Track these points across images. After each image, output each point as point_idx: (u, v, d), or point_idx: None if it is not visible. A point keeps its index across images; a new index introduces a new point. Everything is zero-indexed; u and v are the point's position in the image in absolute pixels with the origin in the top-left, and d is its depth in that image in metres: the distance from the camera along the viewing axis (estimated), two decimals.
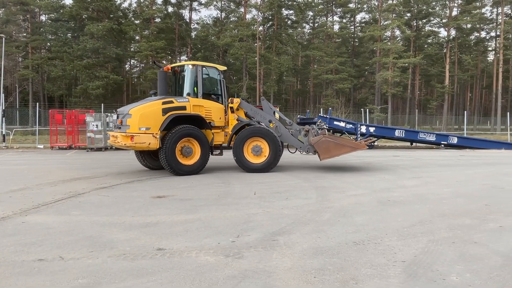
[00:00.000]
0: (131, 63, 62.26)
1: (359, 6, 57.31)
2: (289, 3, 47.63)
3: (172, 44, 49.06)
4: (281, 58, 45.21)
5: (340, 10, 58.22)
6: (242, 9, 48.72)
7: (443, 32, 58.40)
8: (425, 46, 56.78)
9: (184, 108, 11.34)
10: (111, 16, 46.30)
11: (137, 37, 48.64)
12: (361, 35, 55.97)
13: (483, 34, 60.82)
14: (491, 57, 64.23)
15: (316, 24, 59.13)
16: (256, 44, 43.86)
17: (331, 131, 19.48)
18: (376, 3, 52.74)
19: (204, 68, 12.15)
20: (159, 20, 46.65)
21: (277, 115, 12.81)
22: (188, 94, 11.77)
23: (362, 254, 4.53)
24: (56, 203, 7.27)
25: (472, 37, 59.62)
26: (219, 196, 8.01)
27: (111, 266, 4.17)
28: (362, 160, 12.73)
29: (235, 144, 11.73)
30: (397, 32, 52.76)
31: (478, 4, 54.20)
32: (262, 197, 7.86)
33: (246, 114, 12.53)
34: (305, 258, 4.40)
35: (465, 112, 33.76)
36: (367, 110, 33.49)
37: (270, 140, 11.64)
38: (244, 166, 11.73)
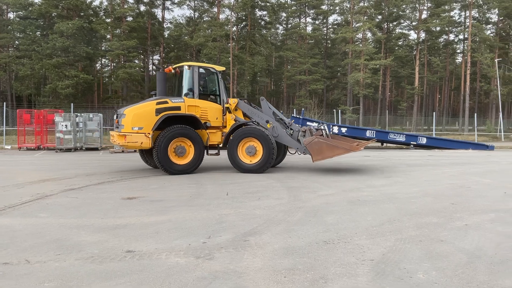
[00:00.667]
0: (102, 62, 61.30)
1: (331, 8, 57.94)
2: (262, 4, 47.75)
3: (145, 43, 48.47)
4: (254, 59, 45.29)
5: (313, 11, 58.71)
6: (215, 9, 48.63)
7: (413, 35, 59.69)
8: (396, 48, 57.85)
9: (178, 108, 11.53)
10: (82, 14, 45.39)
11: (108, 36, 47.80)
12: (333, 36, 56.69)
13: (451, 37, 62.41)
14: (459, 59, 65.99)
15: (289, 25, 59.48)
16: (229, 44, 43.79)
17: (331, 132, 18.17)
18: (348, 6, 53.46)
19: (201, 69, 12.23)
20: (131, 19, 46.00)
21: (278, 115, 12.67)
22: (186, 95, 11.88)
23: (332, 253, 4.58)
24: (22, 206, 7.09)
25: (441, 39, 61.07)
26: (191, 197, 7.97)
27: (78, 269, 4.09)
28: (333, 160, 12.84)
29: (229, 145, 11.73)
30: (369, 34, 53.65)
31: (446, 7, 55.56)
32: (234, 198, 7.86)
33: (244, 115, 12.40)
34: (275, 258, 4.42)
35: (434, 113, 34.59)
36: (340, 110, 33.94)
37: (263, 141, 11.51)
38: (238, 167, 11.71)
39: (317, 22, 61.16)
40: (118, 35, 43.89)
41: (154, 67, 14.78)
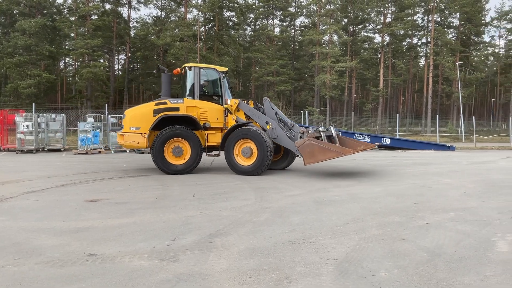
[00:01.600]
0: (66, 61, 59.79)
1: (298, 10, 58.54)
2: (230, 4, 47.72)
3: (110, 43, 47.57)
4: (222, 60, 45.17)
5: (280, 13, 59.11)
6: (182, 9, 48.23)
7: (377, 38, 60.99)
8: (361, 51, 58.96)
9: (177, 109, 11.68)
10: (45, 12, 44.15)
11: (72, 35, 46.68)
12: (300, 38, 57.22)
13: (415, 40, 64.10)
14: (422, 62, 67.83)
15: (257, 27, 59.68)
16: (197, 45, 43.55)
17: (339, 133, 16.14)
18: (315, 8, 54.08)
19: (202, 70, 12.23)
20: (96, 17, 45.04)
21: (280, 117, 12.40)
22: (189, 95, 11.97)
23: (297, 253, 4.62)
24: None
25: (405, 43, 62.64)
26: (157, 198, 7.87)
27: (38, 273, 3.98)
28: (301, 160, 12.94)
29: (226, 146, 11.61)
30: (335, 37, 54.40)
31: (410, 11, 57.03)
32: (201, 199, 7.81)
33: (246, 115, 12.17)
34: (241, 259, 4.42)
35: (398, 114, 35.42)
36: (307, 112, 34.27)
37: (258, 142, 11.23)
38: (235, 168, 11.57)
39: (284, 24, 61.61)
40: (83, 34, 42.91)
41: (160, 68, 14.63)
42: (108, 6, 47.32)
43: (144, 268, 4.15)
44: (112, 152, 19.93)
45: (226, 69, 12.80)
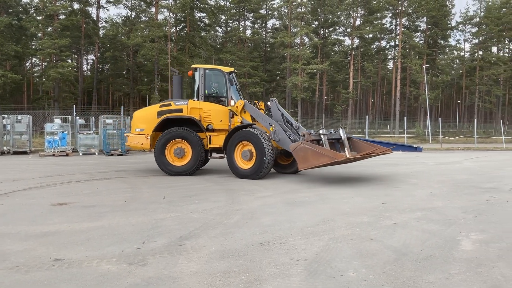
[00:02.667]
0: (33, 61, 58.23)
1: (270, 12, 58.79)
2: (201, 6, 47.50)
3: (78, 43, 46.62)
4: (194, 61, 44.91)
5: (252, 15, 59.24)
6: (153, 9, 47.70)
7: (347, 41, 61.84)
8: (332, 53, 59.72)
9: (180, 110, 11.71)
10: (10, 10, 42.87)
11: (39, 34, 45.51)
12: (272, 40, 57.46)
13: (383, 43, 65.40)
14: (390, 65, 69.25)
15: (229, 28, 59.64)
16: (168, 46, 43.15)
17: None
18: (286, 11, 54.44)
19: (207, 71, 12.08)
20: (64, 16, 44.04)
21: (287, 118, 11.93)
22: (197, 97, 11.92)
23: (267, 255, 4.63)
24: None
25: (374, 46, 63.79)
26: (126, 201, 7.74)
27: (2, 279, 3.86)
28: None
29: (228, 148, 11.36)
30: (306, 40, 54.90)
31: (379, 15, 58.16)
32: (171, 202, 7.73)
33: (251, 117, 11.81)
34: (211, 261, 4.40)
35: (367, 116, 36.01)
36: None
37: (257, 145, 10.80)
38: (235, 172, 11.30)
39: (256, 26, 61.77)
40: (50, 34, 41.88)
41: (171, 70, 14.52)
42: (76, 6, 46.36)
43: (112, 272, 4.08)
44: (80, 154, 19.52)
45: (232, 69, 12.49)
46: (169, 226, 5.86)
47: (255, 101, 12.43)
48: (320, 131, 10.98)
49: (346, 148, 11.08)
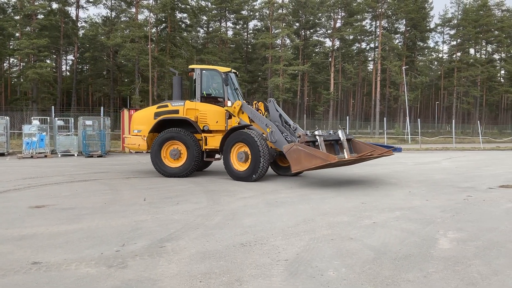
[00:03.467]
0: (10, 61, 57.12)
1: (251, 13, 58.87)
2: (182, 6, 47.25)
3: (57, 43, 45.89)
4: (175, 61, 44.66)
5: (233, 16, 59.22)
6: (133, 9, 47.27)
7: (328, 42, 62.35)
8: (313, 55, 60.11)
9: (176, 112, 11.65)
10: None
11: (17, 34, 44.65)
12: (253, 41, 57.56)
13: (363, 45, 66.07)
14: (370, 66, 69.99)
15: (210, 29, 59.49)
16: (148, 46, 42.81)
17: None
18: (267, 12, 54.59)
19: (204, 71, 11.92)
20: (42, 16, 43.33)
21: (285, 119, 11.64)
22: (194, 97, 11.83)
23: (248, 255, 4.64)
24: None
25: (354, 47, 64.42)
26: (106, 203, 7.66)
27: None
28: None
29: (224, 150, 11.15)
30: (287, 41, 55.13)
31: (359, 17, 58.77)
32: (152, 203, 7.68)
33: (249, 118, 11.50)
34: (192, 263, 4.39)
35: (348, 117, 36.34)
36: None
37: (251, 146, 10.56)
38: (231, 174, 11.06)
39: (237, 27, 61.78)
40: (28, 33, 41.15)
41: (171, 71, 14.14)
42: (55, 5, 45.66)
43: (91, 275, 4.03)
44: (59, 156, 19.22)
45: (229, 69, 12.26)
46: (149, 228, 5.82)
47: (254, 102, 12.23)
48: (316, 132, 10.52)
49: (345, 150, 10.68)
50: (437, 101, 78.26)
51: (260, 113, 11.75)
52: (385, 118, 40.00)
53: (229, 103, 11.51)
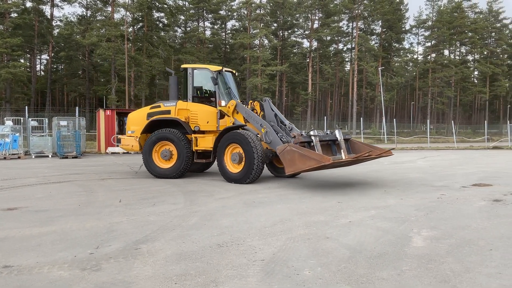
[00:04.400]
0: None
1: (229, 13, 58.81)
2: (159, 5, 46.87)
3: (31, 42, 44.98)
4: (152, 61, 44.27)
5: (211, 16, 59.06)
6: (109, 8, 46.66)
7: (306, 43, 62.82)
8: (291, 55, 60.42)
9: (168, 112, 11.51)
10: None
11: None
12: (232, 42, 57.52)
13: (340, 46, 66.76)
14: (347, 67, 70.77)
15: (188, 29, 59.20)
16: (125, 45, 42.33)
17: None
18: (245, 12, 54.63)
19: (196, 70, 11.67)
20: (16, 15, 42.37)
21: (281, 119, 11.32)
22: (185, 97, 11.62)
23: (224, 256, 4.62)
24: None
25: (331, 48, 65.05)
26: (80, 205, 7.52)
27: None
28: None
29: (218, 151, 10.77)
30: (265, 41, 55.31)
31: (336, 18, 59.35)
32: (127, 205, 7.58)
33: (244, 118, 11.11)
34: (167, 264, 4.35)
35: (325, 117, 36.63)
36: None
37: (245, 147, 10.16)
38: (225, 175, 10.69)
39: (215, 27, 61.65)
40: (1, 32, 40.17)
41: (167, 71, 13.74)
42: (29, 4, 44.76)
43: (64, 278, 3.95)
44: (33, 157, 18.81)
45: (220, 68, 11.78)
46: (124, 230, 5.74)
47: (250, 101, 11.91)
48: (311, 132, 10.18)
49: (342, 150, 10.35)
50: (412, 102, 79.65)
51: (256, 113, 11.32)
52: (361, 118, 40.48)
53: (223, 103, 11.17)
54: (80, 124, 20.33)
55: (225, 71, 12.15)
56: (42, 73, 63.49)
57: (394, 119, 40.03)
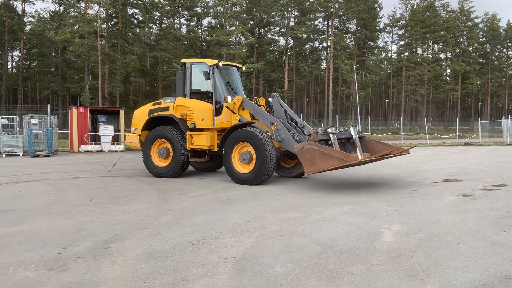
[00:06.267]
0: None
1: (205, 10, 58.49)
2: (134, 1, 46.26)
3: (1, 38, 43.78)
4: (127, 58, 43.67)
5: (187, 13, 58.61)
6: (82, 4, 45.80)
7: (282, 41, 63.01)
8: (267, 53, 60.50)
9: (167, 109, 11.16)
10: None
11: None
12: (208, 39, 57.23)
13: (316, 44, 67.19)
14: (323, 65, 71.33)
15: (164, 25, 58.61)
16: (99, 42, 41.62)
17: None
18: (221, 9, 54.43)
19: (194, 65, 11.12)
20: None
21: (291, 116, 10.75)
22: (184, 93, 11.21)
23: (196, 254, 4.59)
24: None
25: (307, 46, 65.39)
26: (50, 204, 7.37)
27: None
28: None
29: (224, 150, 10.14)
30: (242, 39, 55.20)
31: (311, 16, 59.69)
32: (99, 203, 7.46)
33: (251, 115, 10.59)
34: (137, 263, 4.29)
35: (301, 115, 36.82)
36: None
37: (256, 146, 9.55)
38: (233, 176, 10.06)
39: (191, 24, 61.22)
40: None
41: (173, 66, 13.17)
42: None
43: (30, 279, 3.85)
44: (3, 156, 18.33)
45: (216, 62, 11.12)
46: (94, 229, 5.65)
47: (255, 97, 11.30)
48: (329, 130, 9.70)
49: (358, 149, 9.90)
50: (386, 99, 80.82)
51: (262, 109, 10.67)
52: (337, 115, 40.86)
53: (229, 99, 10.60)
54: (52, 122, 19.90)
55: (229, 65, 11.79)
56: (15, 70, 61.94)
57: (369, 117, 40.57)
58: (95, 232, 5.52)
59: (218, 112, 10.70)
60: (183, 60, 11.45)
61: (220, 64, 11.03)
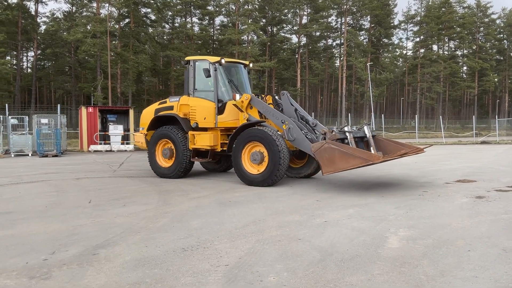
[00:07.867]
0: None
1: (217, 9, 58.32)
2: (146, 1, 46.29)
3: (15, 39, 44.21)
4: (139, 57, 43.72)
5: (199, 12, 58.51)
6: (94, 4, 45.98)
7: (294, 39, 62.53)
8: (280, 51, 60.10)
9: (171, 108, 10.99)
10: None
11: None
12: (220, 38, 57.05)
13: (329, 41, 66.56)
14: (337, 63, 70.64)
15: (176, 24, 58.61)
16: (112, 42, 41.74)
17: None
18: (233, 8, 54.20)
19: (198, 62, 10.85)
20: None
21: (302, 114, 10.42)
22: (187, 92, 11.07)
23: (187, 261, 4.34)
24: None
25: (320, 44, 64.82)
26: (47, 207, 7.19)
27: None
28: None
29: (234, 151, 9.79)
30: (254, 37, 54.92)
31: (324, 13, 59.11)
32: (97, 206, 7.27)
33: (260, 113, 10.24)
34: (123, 271, 4.05)
35: (313, 113, 36.42)
36: None
37: (268, 145, 9.17)
38: (243, 177, 9.70)
39: (204, 22, 61.12)
40: None
41: (182, 63, 12.97)
42: (13, 0, 43.93)
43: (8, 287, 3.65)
44: (13, 156, 18.36)
45: (218, 59, 10.70)
46: (87, 233, 5.44)
47: (262, 95, 10.91)
48: (346, 129, 9.48)
49: (372, 148, 9.65)
50: (402, 97, 79.74)
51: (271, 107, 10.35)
52: (349, 114, 40.34)
53: (237, 97, 10.22)
54: (61, 122, 19.89)
55: (235, 62, 11.62)
56: (30, 70, 62.63)
57: (383, 115, 39.95)
58: (87, 236, 5.31)
59: (220, 110, 10.39)
60: (187, 58, 11.19)
61: (223, 61, 10.66)
